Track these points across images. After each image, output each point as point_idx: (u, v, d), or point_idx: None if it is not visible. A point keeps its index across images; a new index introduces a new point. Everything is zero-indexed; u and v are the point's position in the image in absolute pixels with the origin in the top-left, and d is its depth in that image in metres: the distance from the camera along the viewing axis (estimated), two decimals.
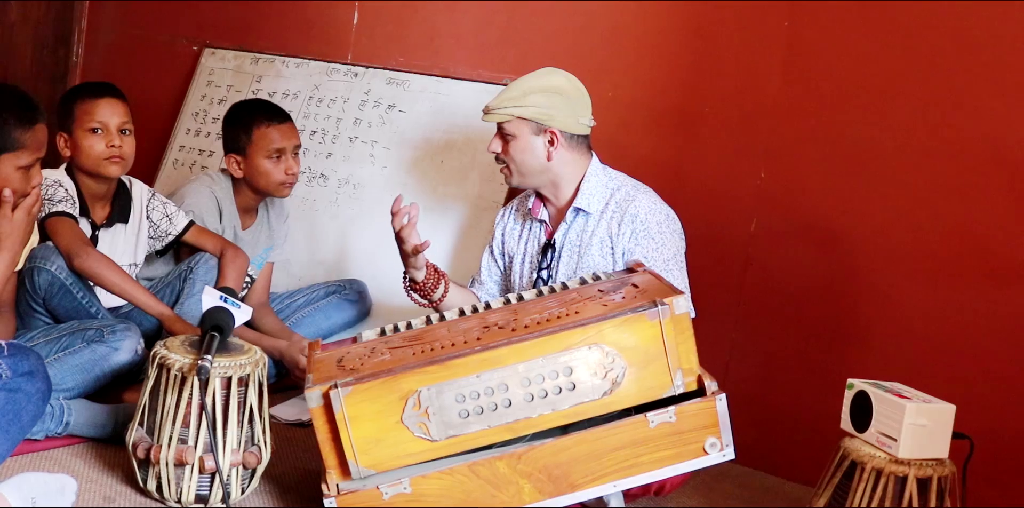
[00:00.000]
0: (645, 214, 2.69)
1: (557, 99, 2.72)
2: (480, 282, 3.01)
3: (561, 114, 2.72)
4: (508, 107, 2.71)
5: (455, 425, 2.11)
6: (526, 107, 2.70)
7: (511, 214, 2.98)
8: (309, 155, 3.73)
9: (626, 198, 2.74)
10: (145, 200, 3.10)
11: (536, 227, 2.88)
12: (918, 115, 2.76)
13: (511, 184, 2.82)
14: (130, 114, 2.99)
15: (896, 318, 2.78)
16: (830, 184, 2.90)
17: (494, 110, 2.74)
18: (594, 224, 2.75)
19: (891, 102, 2.81)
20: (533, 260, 2.87)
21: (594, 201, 2.76)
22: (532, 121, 2.71)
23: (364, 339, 2.43)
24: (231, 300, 2.41)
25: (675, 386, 2.13)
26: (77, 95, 2.99)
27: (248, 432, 2.29)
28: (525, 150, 2.74)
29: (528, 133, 2.72)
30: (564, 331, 2.12)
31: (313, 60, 3.88)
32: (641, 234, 2.68)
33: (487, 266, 3.00)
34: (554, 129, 2.71)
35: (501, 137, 2.76)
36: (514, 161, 2.76)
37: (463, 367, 2.11)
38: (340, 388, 2.09)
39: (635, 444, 2.11)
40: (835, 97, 2.90)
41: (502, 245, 2.97)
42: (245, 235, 3.31)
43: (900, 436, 2.13)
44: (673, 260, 2.69)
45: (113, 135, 2.92)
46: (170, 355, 2.26)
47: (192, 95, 4.05)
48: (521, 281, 2.89)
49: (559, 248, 2.79)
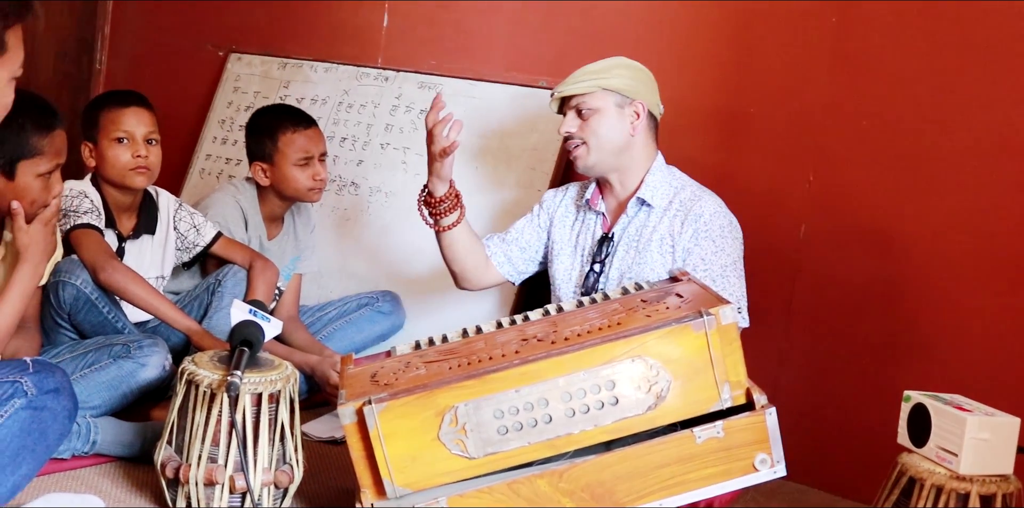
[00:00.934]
0: (710, 215, 2.70)
1: (641, 74, 2.77)
2: (503, 240, 2.96)
3: (646, 90, 2.75)
4: (591, 80, 2.72)
5: (494, 442, 2.10)
6: (611, 78, 2.71)
7: (566, 200, 2.97)
8: (339, 163, 3.74)
9: (692, 198, 2.74)
10: (172, 211, 3.13)
11: (591, 219, 2.88)
12: (975, 113, 2.73)
13: (583, 165, 2.78)
14: (156, 123, 3.02)
15: (955, 326, 2.75)
16: (883, 186, 2.88)
17: (574, 84, 2.73)
18: (656, 220, 2.75)
19: (946, 100, 2.78)
20: (586, 253, 2.86)
21: (658, 195, 2.76)
22: (617, 93, 2.72)
23: (398, 353, 2.43)
24: (261, 314, 2.42)
25: (722, 400, 2.12)
26: (102, 104, 3.02)
27: (279, 450, 2.29)
28: (609, 123, 2.73)
29: (612, 105, 2.73)
30: (606, 343, 2.11)
31: (342, 64, 3.90)
32: (703, 235, 2.68)
33: (521, 228, 2.97)
34: (640, 102, 2.73)
35: (577, 114, 2.75)
36: (595, 135, 2.74)
37: (501, 382, 2.10)
38: (374, 404, 2.09)
39: (681, 461, 2.09)
40: (886, 96, 2.88)
41: (549, 225, 2.96)
42: (271, 245, 3.33)
43: (961, 451, 2.10)
44: (731, 267, 2.68)
45: (139, 145, 2.95)
46: (199, 371, 2.27)
47: (218, 102, 4.08)
48: (569, 274, 2.88)
49: (616, 242, 2.79)
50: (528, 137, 3.49)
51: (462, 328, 2.46)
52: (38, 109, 2.43)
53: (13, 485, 2.11)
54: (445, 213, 2.78)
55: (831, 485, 2.91)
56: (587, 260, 2.85)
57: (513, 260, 2.96)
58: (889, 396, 2.50)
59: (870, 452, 2.74)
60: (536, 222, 2.98)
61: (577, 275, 2.86)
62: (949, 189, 2.77)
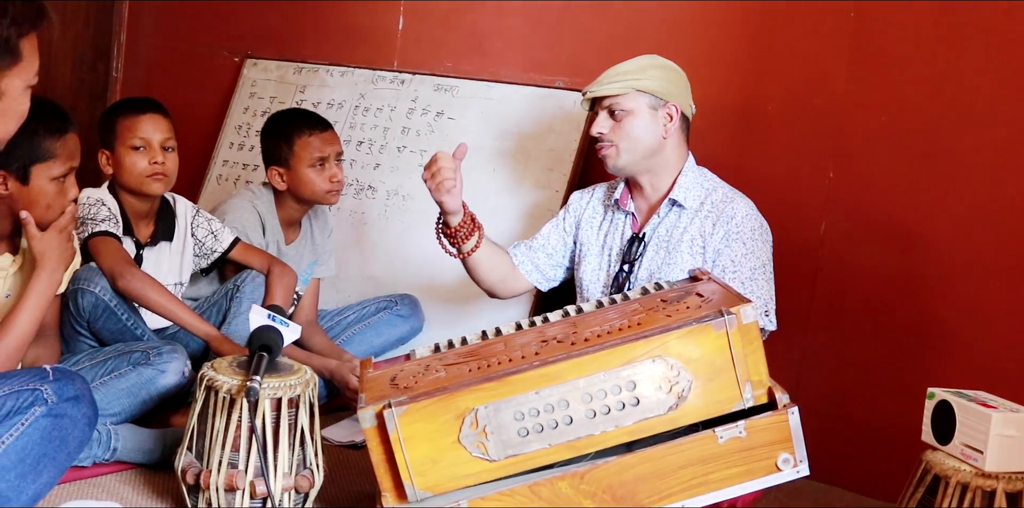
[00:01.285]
0: (742, 217, 2.70)
1: (674, 75, 2.77)
2: (529, 247, 2.98)
3: (680, 91, 2.76)
4: (625, 80, 2.72)
5: (514, 444, 2.11)
6: (645, 80, 2.71)
7: (593, 201, 2.97)
8: (356, 166, 3.77)
9: (723, 200, 2.75)
10: (190, 217, 3.16)
11: (620, 219, 2.88)
12: (997, 107, 2.72)
13: (612, 165, 2.79)
14: (173, 130, 3.04)
15: (979, 323, 2.74)
16: (904, 182, 2.87)
17: (608, 84, 2.73)
18: (687, 221, 2.76)
19: (967, 94, 2.77)
20: (613, 253, 2.86)
21: (691, 197, 2.77)
22: (651, 95, 2.72)
23: (418, 356, 2.44)
24: (279, 318, 2.44)
25: (744, 399, 2.12)
26: (119, 111, 3.05)
27: (300, 455, 2.31)
28: (642, 126, 2.74)
29: (645, 107, 2.73)
30: (626, 344, 2.11)
31: (358, 68, 3.92)
32: (733, 236, 2.69)
33: (546, 235, 2.99)
34: (673, 104, 2.74)
35: (610, 114, 2.76)
36: (627, 137, 2.74)
37: (521, 383, 2.11)
38: (394, 407, 2.10)
39: (703, 461, 2.09)
40: (906, 91, 2.87)
41: (575, 229, 2.96)
42: (289, 250, 3.35)
43: (986, 448, 2.10)
44: (761, 269, 2.69)
45: (156, 151, 2.98)
46: (218, 377, 2.29)
47: (235, 108, 4.11)
48: (597, 274, 2.89)
49: (647, 241, 2.80)
50: (545, 138, 3.50)
51: (481, 330, 2.47)
52: (50, 113, 2.46)
53: (35, 493, 2.13)
54: (464, 239, 2.78)
55: (855, 484, 2.91)
56: (616, 260, 2.85)
57: (540, 267, 2.98)
58: (912, 393, 2.50)
59: (894, 450, 2.74)
60: (562, 226, 2.99)
61: (605, 275, 2.87)
62: (972, 184, 2.76)
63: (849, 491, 2.91)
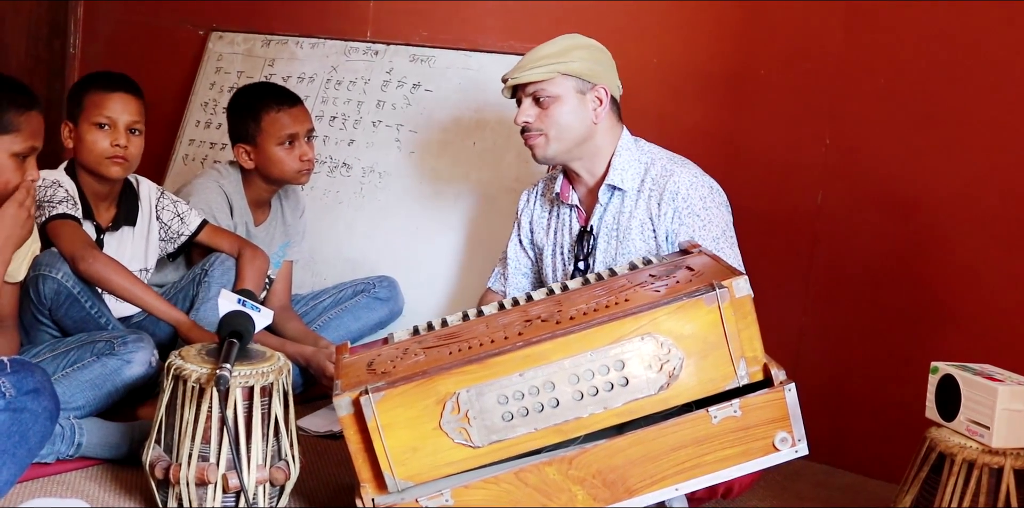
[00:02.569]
0: (687, 190, 2.66)
1: (600, 55, 2.71)
2: (505, 277, 2.99)
3: (607, 73, 2.70)
4: (549, 64, 2.65)
5: (498, 429, 2.10)
6: (571, 63, 2.65)
7: (536, 199, 2.95)
8: (330, 143, 3.74)
9: (662, 174, 2.69)
10: (154, 200, 3.13)
11: (566, 213, 2.84)
12: (1002, 67, 2.71)
13: (541, 156, 2.73)
14: (143, 113, 3.00)
15: (984, 293, 2.74)
16: (904, 148, 2.86)
17: (530, 70, 2.66)
18: (631, 204, 2.71)
19: (970, 53, 2.76)
20: (566, 250, 2.84)
21: (627, 177, 2.71)
22: (578, 78, 2.66)
23: (396, 340, 2.43)
24: (250, 303, 2.43)
25: (739, 377, 2.11)
26: (89, 85, 3.01)
27: (274, 446, 2.30)
28: (570, 111, 2.67)
29: (573, 91, 2.67)
30: (613, 321, 2.11)
31: (329, 39, 3.89)
32: (685, 213, 2.65)
33: (515, 257, 2.98)
34: (602, 86, 2.68)
35: (535, 101, 2.69)
36: (555, 125, 2.68)
37: (504, 365, 2.10)
38: (371, 394, 2.09)
39: (697, 442, 2.09)
40: (906, 51, 2.86)
41: (531, 234, 2.94)
42: (258, 232, 3.33)
43: (993, 423, 2.10)
44: (723, 237, 2.65)
45: (120, 133, 2.94)
46: (186, 366, 2.28)
47: (200, 84, 4.08)
48: (555, 275, 2.86)
49: (596, 234, 2.76)
50: None
51: (462, 311, 2.46)
52: (16, 88, 2.49)
53: None
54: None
55: (857, 464, 2.91)
56: (568, 258, 2.82)
57: (524, 288, 2.97)
58: (915, 368, 2.50)
59: (897, 428, 2.75)
60: (520, 242, 2.97)
61: (562, 276, 2.83)
62: (975, 149, 2.76)
63: (850, 472, 2.91)
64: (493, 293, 3.01)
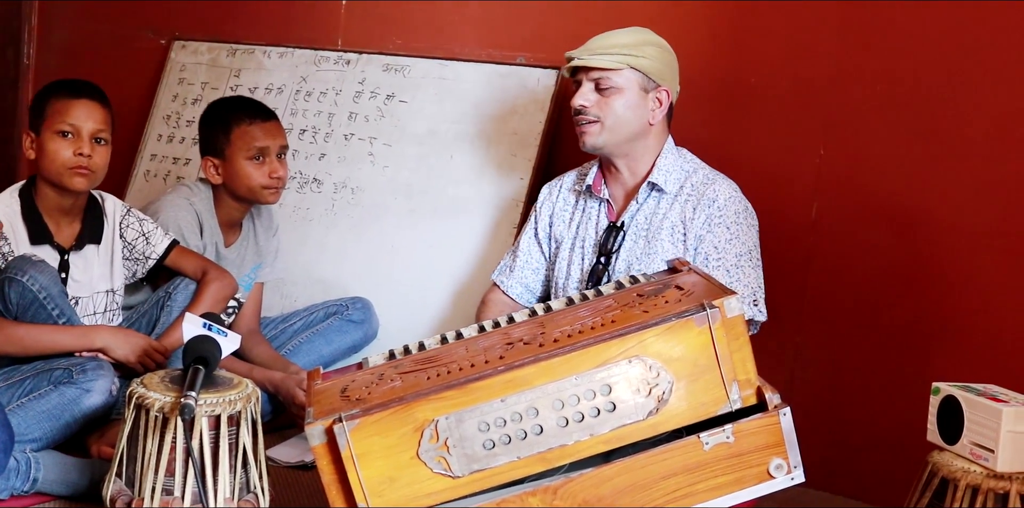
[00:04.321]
0: (724, 200, 2.73)
1: (669, 57, 2.78)
2: (511, 269, 3.02)
3: (673, 75, 2.78)
4: (621, 54, 2.71)
5: (479, 458, 2.10)
6: (642, 58, 2.71)
7: (562, 192, 2.99)
8: (299, 157, 3.75)
9: (704, 181, 2.78)
10: (119, 217, 3.11)
11: (593, 207, 2.90)
12: (1000, 75, 2.74)
13: (592, 143, 2.79)
14: (109, 122, 2.99)
15: (986, 310, 2.76)
16: (901, 159, 2.88)
17: (601, 55, 2.72)
18: (667, 207, 2.78)
19: (969, 61, 2.79)
20: (588, 244, 2.87)
21: (671, 180, 2.79)
22: (646, 75, 2.73)
23: (371, 364, 2.43)
24: (216, 328, 2.43)
25: (731, 401, 2.12)
26: (52, 92, 2.99)
27: (242, 478, 2.29)
28: (630, 106, 2.75)
29: (637, 87, 2.74)
30: (599, 344, 2.11)
31: (298, 48, 3.90)
32: (716, 221, 2.71)
33: (526, 250, 3.01)
34: (666, 88, 2.75)
35: (597, 89, 2.75)
36: (613, 115, 2.75)
37: (485, 391, 2.11)
38: (345, 422, 2.09)
39: (688, 470, 2.10)
40: (902, 58, 2.89)
41: (549, 228, 2.98)
42: (229, 253, 3.33)
43: (998, 446, 2.11)
44: (747, 256, 2.71)
45: (84, 142, 2.92)
46: (149, 394, 2.27)
47: (162, 96, 4.08)
48: (570, 269, 2.89)
49: (625, 231, 2.81)
50: (508, 121, 3.49)
51: (440, 334, 2.46)
52: None
53: None
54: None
55: (856, 491, 2.92)
56: (591, 252, 2.86)
57: (530, 286, 3.01)
58: (916, 389, 2.51)
59: (897, 452, 2.76)
60: (536, 236, 3.01)
61: (579, 270, 2.87)
62: (973, 159, 2.78)
63: (850, 499, 2.92)
64: (495, 288, 3.05)
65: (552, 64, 3.42)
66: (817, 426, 2.67)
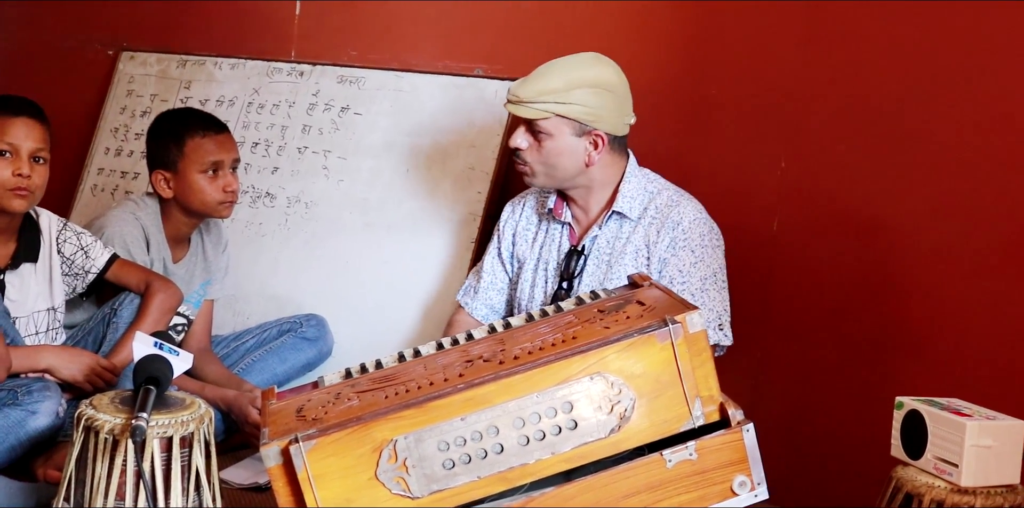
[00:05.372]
0: (689, 223, 2.74)
1: (607, 98, 2.74)
2: (476, 290, 3.03)
3: (609, 115, 2.75)
4: (547, 102, 2.71)
5: (439, 478, 2.11)
6: (570, 105, 2.71)
7: (524, 211, 3.01)
8: (251, 171, 3.75)
9: (668, 204, 2.79)
10: (55, 232, 3.09)
11: (555, 229, 2.92)
12: (964, 86, 2.76)
13: (530, 183, 2.85)
14: (48, 140, 2.97)
15: (951, 323, 2.78)
16: (866, 169, 2.91)
17: (528, 103, 2.73)
18: (629, 230, 2.80)
19: (931, 72, 2.81)
20: (551, 268, 2.89)
21: (635, 205, 2.80)
22: (576, 121, 2.73)
23: (327, 383, 2.43)
24: (168, 346, 2.42)
25: (694, 417, 2.13)
26: None
27: (195, 501, 2.28)
28: (562, 153, 2.76)
29: (568, 134, 2.75)
30: (560, 361, 2.12)
31: (250, 59, 3.91)
32: (680, 244, 2.73)
33: (491, 271, 3.04)
34: (600, 132, 2.74)
35: (530, 131, 2.77)
36: (545, 162, 2.78)
37: (445, 409, 2.11)
38: (301, 442, 2.09)
39: (651, 488, 2.11)
40: (866, 65, 2.90)
41: (512, 247, 3.00)
42: (177, 269, 3.32)
43: (962, 461, 2.13)
44: (712, 279, 2.74)
45: (23, 162, 2.91)
46: (98, 415, 2.26)
47: (110, 108, 4.06)
48: (533, 292, 2.91)
49: (587, 255, 2.83)
50: (465, 133, 3.51)
51: (398, 352, 2.47)
52: None
53: None
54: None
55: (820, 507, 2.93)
56: (553, 276, 2.88)
57: (495, 306, 3.03)
58: (879, 404, 2.52)
59: (861, 467, 2.76)
60: (500, 256, 3.03)
61: (541, 292, 2.89)
62: (938, 170, 2.80)
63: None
64: (460, 309, 3.07)
65: (510, 76, 3.44)
66: (780, 442, 2.68)
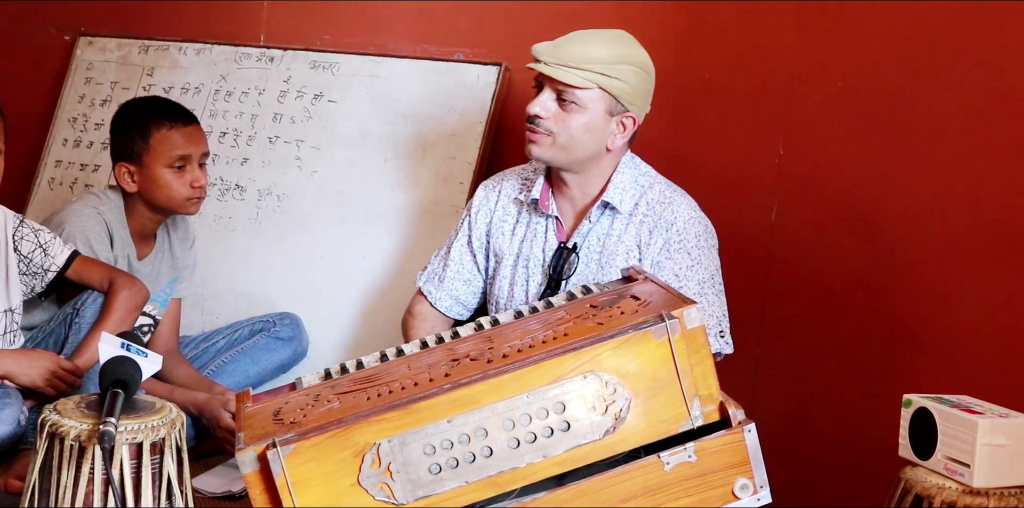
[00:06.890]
0: (683, 223, 2.72)
1: (645, 80, 2.73)
2: (441, 279, 2.99)
3: (643, 99, 2.73)
4: (592, 72, 2.65)
5: (425, 483, 2.10)
6: (614, 80, 2.66)
7: (501, 198, 2.95)
8: (220, 162, 3.73)
9: (660, 200, 2.76)
10: (11, 229, 3.07)
11: (539, 222, 2.88)
12: (969, 70, 2.78)
13: (538, 156, 2.75)
14: (2, 132, 2.96)
15: (957, 317, 2.80)
16: (865, 159, 2.92)
17: (571, 68, 2.65)
18: (621, 227, 2.77)
19: (934, 56, 2.83)
20: (533, 264, 2.87)
21: (626, 198, 2.77)
22: (615, 98, 2.69)
23: (305, 385, 2.43)
24: (135, 348, 2.41)
25: (693, 417, 2.14)
26: None
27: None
28: (591, 128, 2.71)
29: (602, 110, 2.70)
30: (552, 359, 2.12)
31: (217, 44, 3.89)
32: (675, 247, 2.71)
33: (458, 260, 2.98)
34: (633, 114, 2.72)
35: (557, 98, 2.70)
36: (567, 135, 2.71)
37: (430, 411, 2.11)
38: (280, 447, 2.08)
39: (648, 492, 2.11)
40: (864, 52, 2.92)
41: (486, 239, 2.95)
42: (142, 266, 3.30)
43: (974, 461, 2.14)
44: (709, 282, 2.72)
45: None
46: (63, 421, 2.24)
47: (67, 97, 4.04)
48: (513, 290, 2.89)
49: (578, 253, 2.80)
50: (445, 121, 3.51)
51: (380, 352, 2.46)
52: None
53: None
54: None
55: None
56: (537, 274, 2.85)
57: (461, 299, 2.99)
58: (886, 402, 2.54)
59: (868, 468, 2.79)
60: (471, 245, 2.97)
61: (523, 291, 2.86)
62: (942, 158, 2.82)
63: None
64: (422, 298, 3.01)
65: (493, 60, 3.44)
66: (783, 442, 2.69)
